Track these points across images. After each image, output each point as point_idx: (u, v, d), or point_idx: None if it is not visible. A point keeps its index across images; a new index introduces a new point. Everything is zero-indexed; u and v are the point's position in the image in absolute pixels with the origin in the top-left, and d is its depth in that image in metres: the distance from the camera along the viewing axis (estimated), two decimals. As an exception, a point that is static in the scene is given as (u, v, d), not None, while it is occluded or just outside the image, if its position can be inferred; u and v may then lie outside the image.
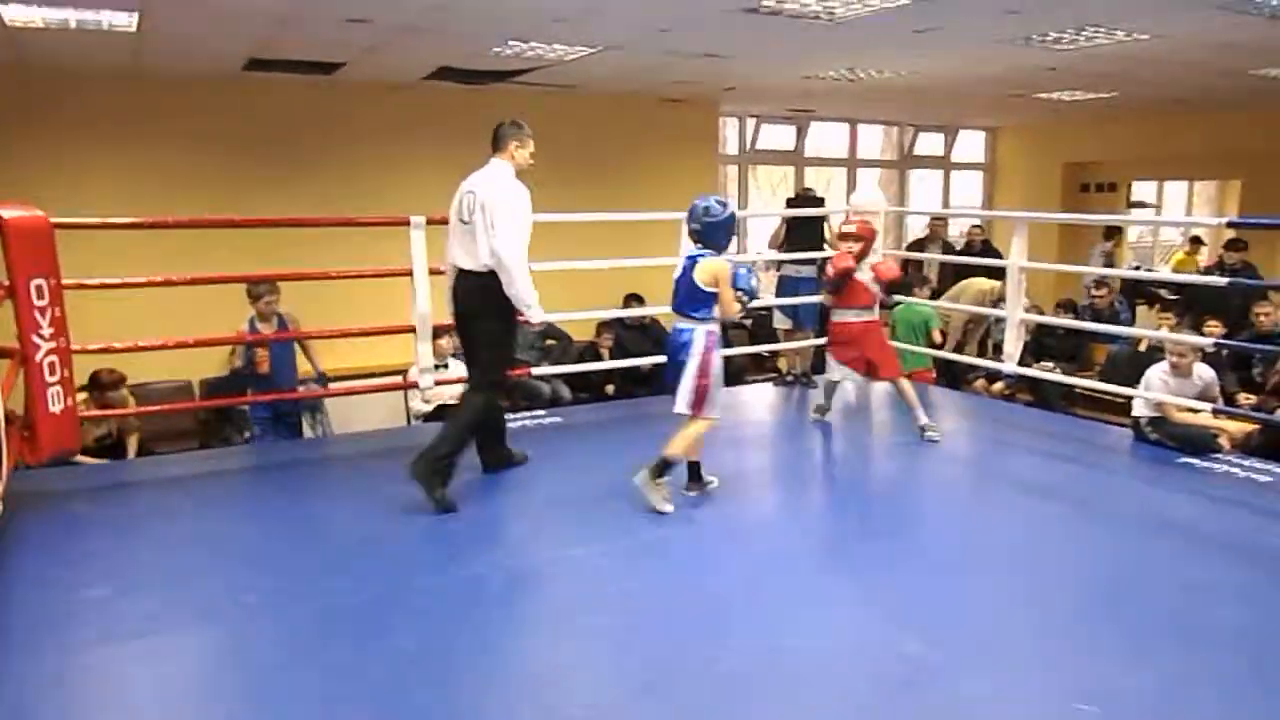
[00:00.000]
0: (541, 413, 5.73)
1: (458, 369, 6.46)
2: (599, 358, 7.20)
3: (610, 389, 7.24)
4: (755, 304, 4.25)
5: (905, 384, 5.05)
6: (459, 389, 6.40)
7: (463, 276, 3.99)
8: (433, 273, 4.96)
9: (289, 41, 5.67)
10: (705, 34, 5.73)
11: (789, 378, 6.46)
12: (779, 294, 6.46)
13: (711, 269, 3.80)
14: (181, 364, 6.33)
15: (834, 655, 2.72)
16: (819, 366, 7.17)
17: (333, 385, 5.91)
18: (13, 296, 3.83)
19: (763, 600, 3.06)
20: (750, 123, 10.29)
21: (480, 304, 3.96)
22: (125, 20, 4.97)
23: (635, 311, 7.19)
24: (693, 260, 3.85)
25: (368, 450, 4.89)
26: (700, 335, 3.83)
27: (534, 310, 3.94)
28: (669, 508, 3.77)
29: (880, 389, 5.89)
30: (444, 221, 5.03)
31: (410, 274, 4.90)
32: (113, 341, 4.53)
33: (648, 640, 2.79)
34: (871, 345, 5.00)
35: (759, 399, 6.28)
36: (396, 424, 6.61)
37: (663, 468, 3.78)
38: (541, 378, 6.86)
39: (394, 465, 4.48)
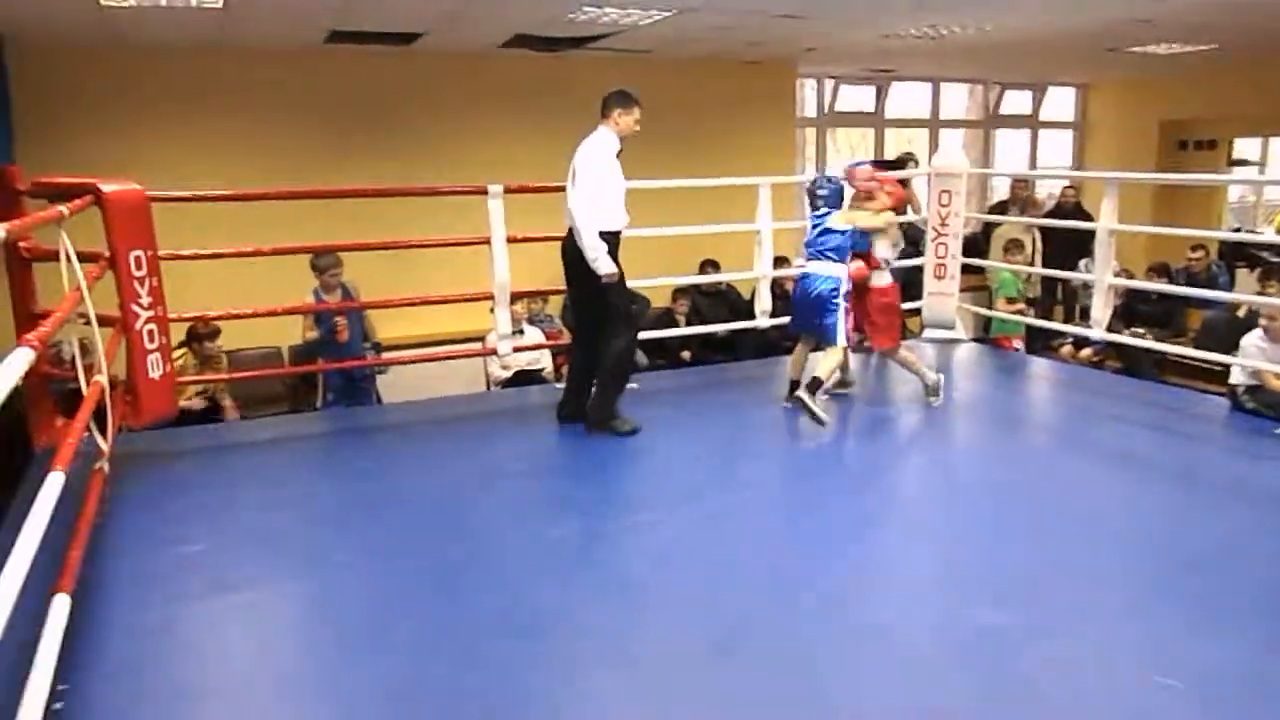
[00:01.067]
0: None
1: (533, 335, 6.56)
2: (674, 324, 7.22)
3: (687, 355, 7.25)
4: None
5: (903, 354, 4.99)
6: (535, 355, 6.55)
7: (570, 236, 4.26)
8: (510, 241, 5.04)
9: (369, 11, 5.76)
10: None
11: (866, 343, 6.37)
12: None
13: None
14: (271, 332, 6.54)
15: (910, 624, 2.72)
16: (902, 333, 7.08)
17: (414, 351, 6.06)
18: (114, 267, 4.01)
19: (836, 568, 3.07)
20: (829, 84, 10.10)
21: (580, 258, 4.23)
22: (213, -4, 5.12)
23: (712, 278, 7.18)
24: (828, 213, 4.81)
25: (450, 415, 5.01)
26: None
27: (600, 261, 4.15)
28: (828, 418, 4.53)
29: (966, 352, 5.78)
30: (522, 190, 5.14)
31: (489, 242, 4.98)
32: (206, 310, 4.72)
33: (719, 606, 2.82)
34: (871, 309, 4.96)
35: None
36: (476, 389, 6.74)
37: (815, 386, 4.54)
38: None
39: (475, 428, 4.60)
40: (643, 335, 6.50)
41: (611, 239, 4.23)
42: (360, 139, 7.28)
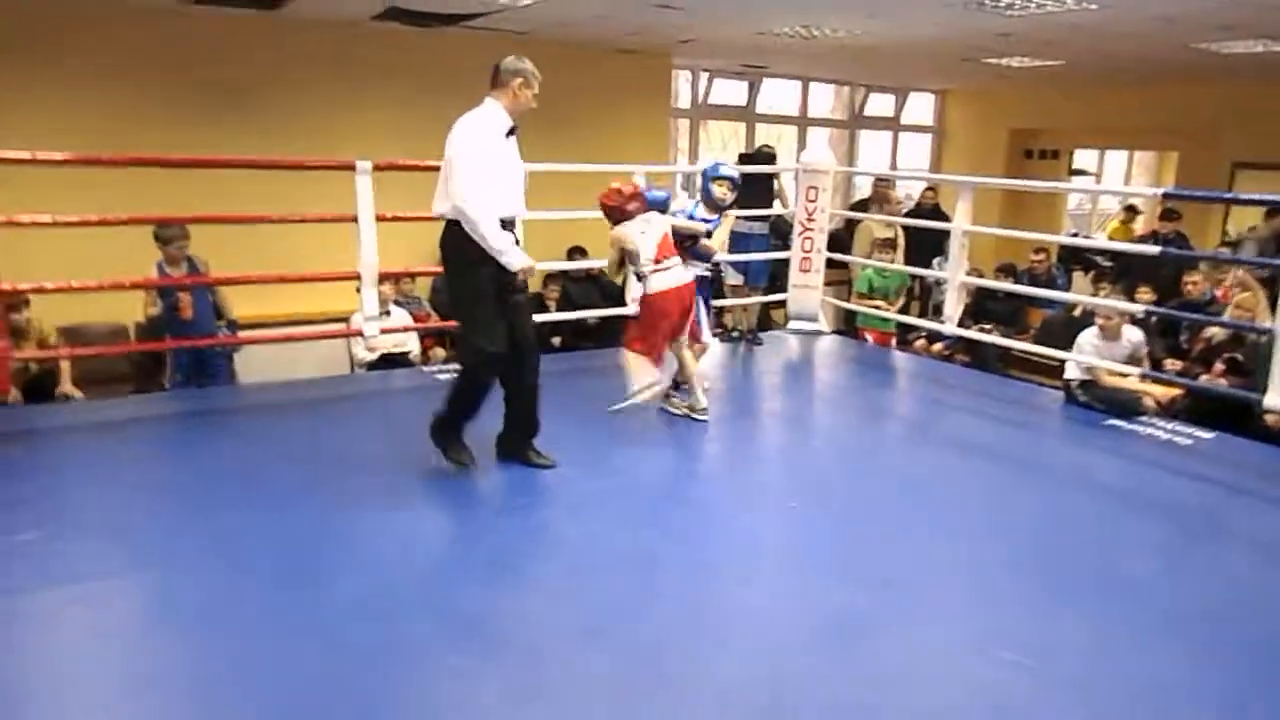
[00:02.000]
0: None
1: (401, 317, 6.41)
2: (545, 309, 7.17)
3: (557, 341, 7.23)
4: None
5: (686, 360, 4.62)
6: (401, 337, 6.39)
7: (447, 231, 3.58)
8: (380, 219, 4.89)
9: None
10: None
11: (734, 334, 6.51)
12: (730, 250, 6.49)
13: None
14: (118, 307, 6.16)
15: (763, 606, 2.80)
16: (765, 324, 7.28)
17: (275, 330, 5.82)
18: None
19: (696, 553, 3.13)
20: (703, 78, 10.23)
21: (448, 255, 3.62)
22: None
23: (580, 264, 7.18)
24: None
25: (311, 397, 4.84)
26: None
27: (509, 255, 3.53)
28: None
29: (825, 345, 5.98)
30: (392, 167, 4.98)
31: (355, 219, 4.83)
32: (44, 282, 4.40)
33: (588, 591, 2.83)
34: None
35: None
36: (339, 371, 6.53)
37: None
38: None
39: (337, 411, 4.46)
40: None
41: (507, 228, 3.59)
42: (222, 107, 6.91)
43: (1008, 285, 7.22)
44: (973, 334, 6.52)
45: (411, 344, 6.52)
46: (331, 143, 6.63)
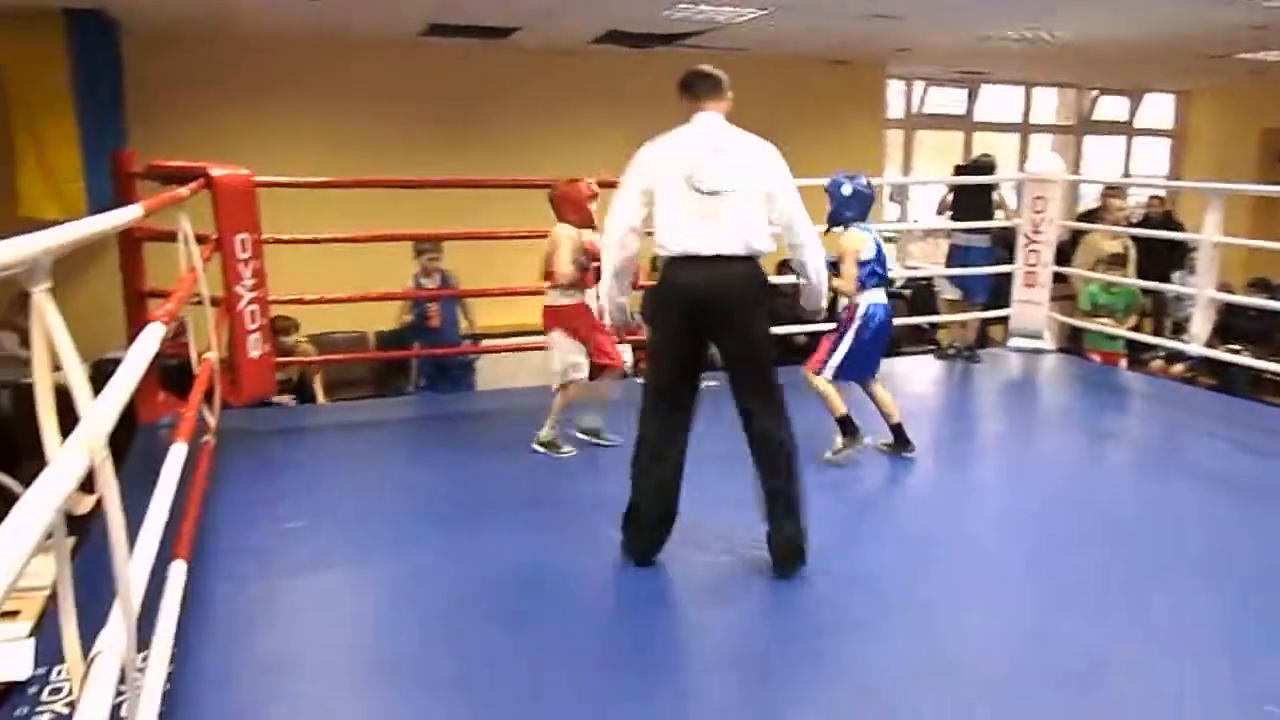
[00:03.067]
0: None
1: (616, 330, 6.60)
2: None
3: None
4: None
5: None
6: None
7: (705, 265, 2.91)
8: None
9: (468, 5, 5.85)
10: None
11: (950, 351, 6.28)
12: (948, 264, 6.29)
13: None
14: (361, 316, 6.69)
15: (1002, 643, 2.67)
16: (983, 341, 6.97)
17: (504, 340, 6.15)
18: (220, 249, 4.15)
19: (927, 580, 3.03)
20: (918, 86, 9.96)
21: (746, 297, 2.98)
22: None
23: (785, 280, 7.13)
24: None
25: (536, 404, 5.07)
26: None
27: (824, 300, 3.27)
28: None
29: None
30: (613, 185, 5.13)
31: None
32: (303, 294, 4.84)
33: (812, 610, 2.82)
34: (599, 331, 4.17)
35: (917, 372, 6.14)
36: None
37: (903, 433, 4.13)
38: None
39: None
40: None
41: None
42: (456, 130, 7.39)
43: (1263, 302, 6.58)
44: (1221, 354, 5.98)
45: (627, 355, 6.70)
46: (557, 162, 6.93)
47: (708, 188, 2.91)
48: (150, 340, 1.99)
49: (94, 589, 1.52)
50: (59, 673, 2.30)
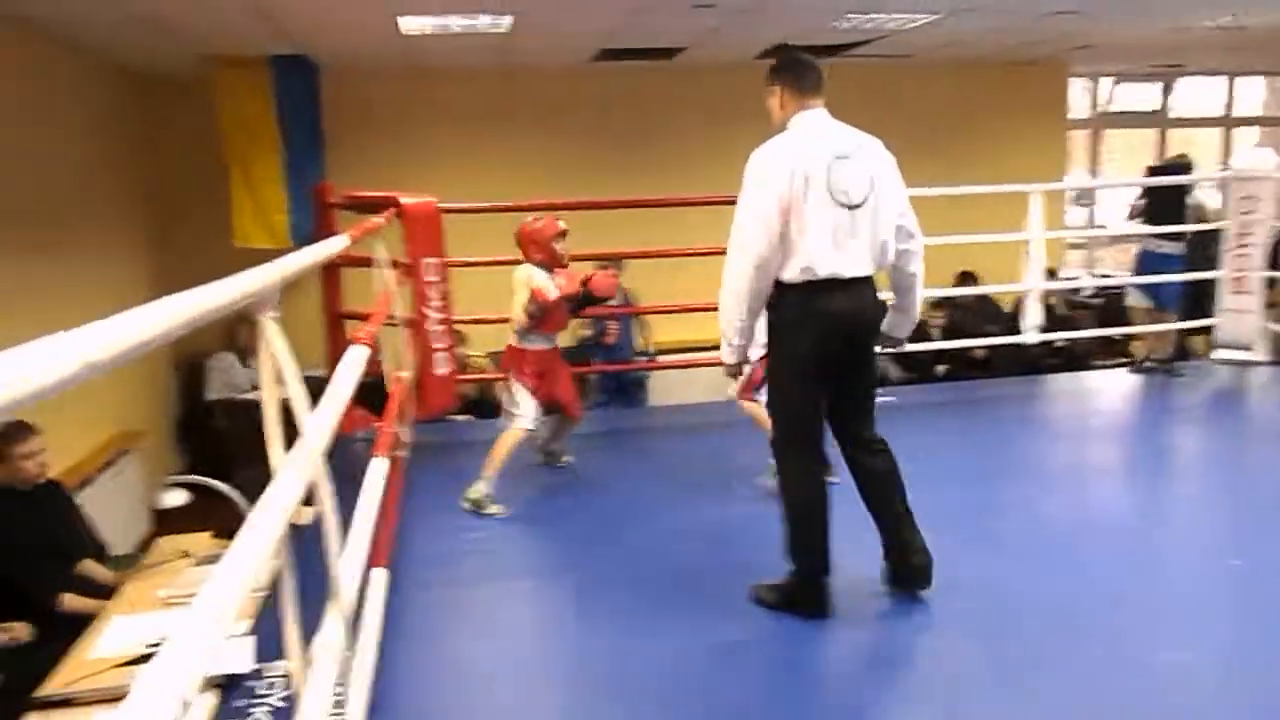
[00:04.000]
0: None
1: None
2: (928, 337, 6.98)
3: (940, 370, 7.00)
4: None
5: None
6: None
7: (849, 289, 2.67)
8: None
9: (638, 30, 5.98)
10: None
11: (1147, 364, 5.89)
12: (1138, 271, 5.91)
13: None
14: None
15: (1215, 670, 2.48)
16: (1183, 353, 6.49)
17: (677, 357, 6.23)
18: (410, 273, 4.40)
19: (1124, 604, 2.85)
20: (1104, 83, 9.42)
21: (879, 324, 2.88)
22: (499, 22, 5.50)
23: (971, 290, 6.89)
24: None
25: (702, 422, 5.10)
26: None
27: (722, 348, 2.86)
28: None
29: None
30: (717, 202, 5.02)
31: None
32: (486, 313, 5.06)
33: (1004, 636, 2.70)
34: (562, 379, 4.11)
35: (1110, 387, 5.80)
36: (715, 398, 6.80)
37: None
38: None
39: (730, 440, 4.63)
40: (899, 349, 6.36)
41: None
42: (625, 151, 7.57)
43: None
44: None
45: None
46: (723, 177, 6.97)
47: (851, 200, 2.63)
48: (356, 361, 2.14)
49: (303, 591, 1.63)
50: (273, 669, 2.49)
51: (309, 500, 1.53)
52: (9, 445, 3.36)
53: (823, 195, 2.60)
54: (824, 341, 2.66)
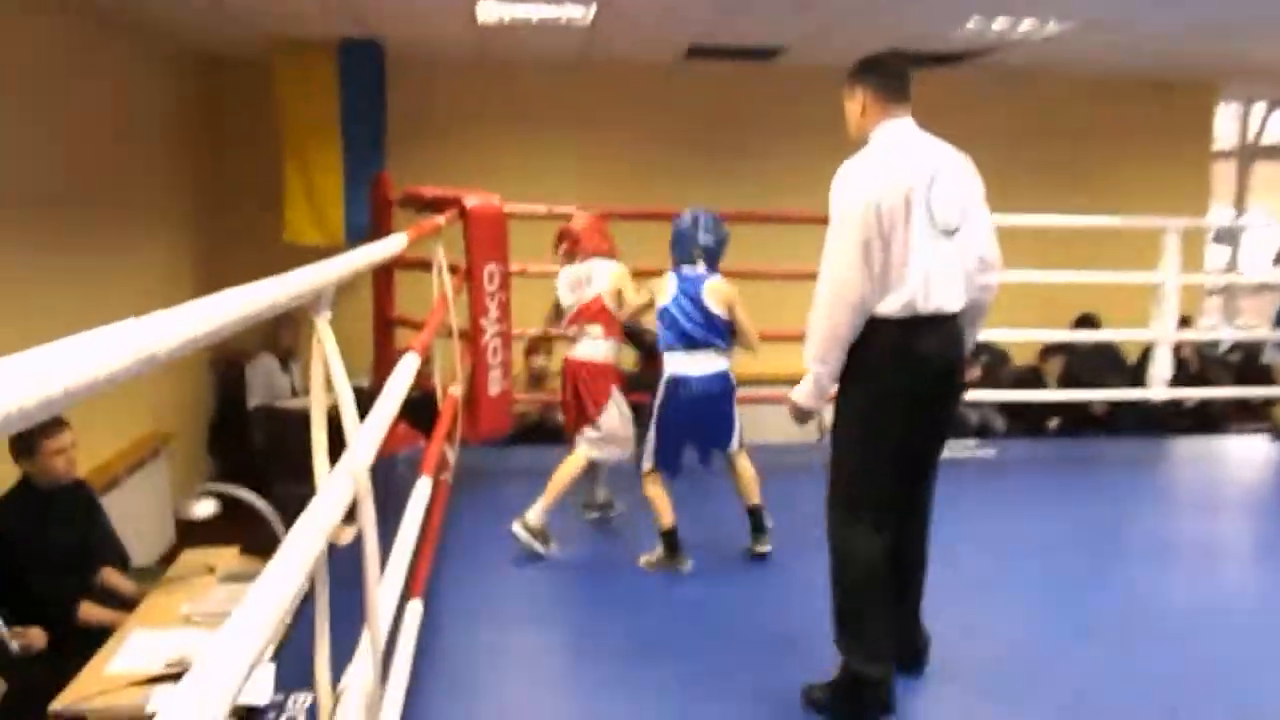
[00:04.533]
0: (971, 442, 5.57)
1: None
2: (1041, 385, 6.83)
3: (1053, 424, 6.83)
4: None
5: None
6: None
7: (946, 326, 2.61)
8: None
9: (733, 27, 6.02)
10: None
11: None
12: (1278, 324, 5.73)
13: (725, 292, 3.68)
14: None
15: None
16: (1335, 421, 6.26)
17: (747, 391, 6.17)
18: (469, 280, 4.46)
19: (1240, 709, 2.74)
20: (1257, 109, 9.17)
21: (963, 368, 2.84)
22: (582, 13, 5.59)
23: (1089, 335, 6.74)
24: (697, 282, 3.65)
25: (775, 463, 5.06)
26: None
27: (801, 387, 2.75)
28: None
29: None
30: (817, 220, 5.02)
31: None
32: (548, 329, 5.09)
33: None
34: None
35: (1242, 456, 5.61)
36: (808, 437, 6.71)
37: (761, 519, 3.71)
38: (971, 403, 6.66)
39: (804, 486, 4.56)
40: (1002, 396, 6.24)
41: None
42: (716, 156, 7.58)
43: None
44: None
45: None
46: (821, 191, 6.93)
47: (949, 225, 2.55)
48: (408, 371, 2.18)
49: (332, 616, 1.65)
50: (295, 701, 2.53)
51: (349, 518, 1.56)
52: (39, 439, 3.47)
53: (924, 220, 2.51)
54: (915, 385, 2.55)
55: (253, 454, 6.26)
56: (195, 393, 6.80)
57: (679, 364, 3.63)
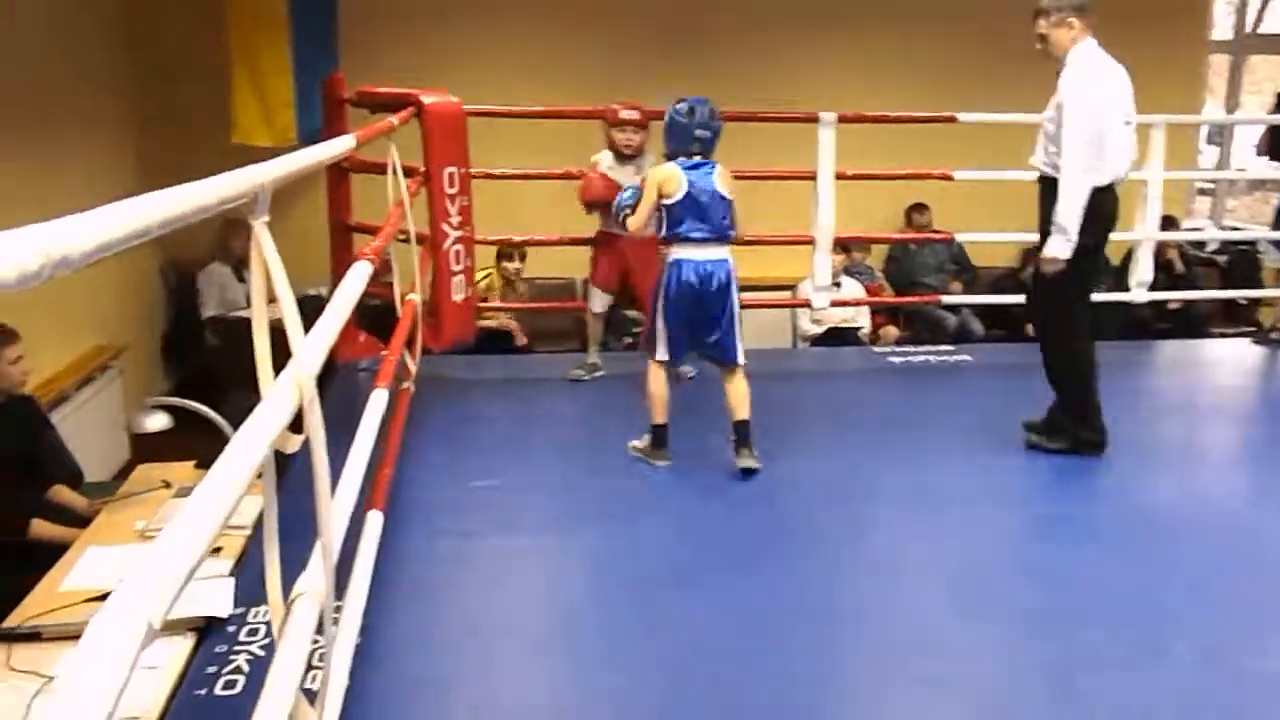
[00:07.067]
0: (948, 347, 5.64)
1: (851, 288, 6.49)
2: (1022, 290, 6.87)
3: (1031, 329, 6.89)
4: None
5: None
6: (851, 312, 6.49)
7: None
8: (839, 177, 5.01)
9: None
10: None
11: (1274, 334, 5.77)
12: (1277, 225, 5.77)
13: (730, 179, 3.80)
14: (568, 262, 6.91)
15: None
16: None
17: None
18: (427, 183, 4.41)
19: (1223, 606, 2.85)
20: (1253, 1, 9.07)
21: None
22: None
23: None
24: (708, 171, 3.71)
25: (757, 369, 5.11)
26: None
27: (1054, 242, 3.68)
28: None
29: None
30: (859, 119, 5.07)
31: (814, 178, 4.99)
32: (513, 235, 5.08)
33: (1077, 633, 2.72)
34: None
35: (1227, 359, 5.70)
36: (780, 344, 6.77)
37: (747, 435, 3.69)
38: (949, 307, 6.72)
39: (777, 391, 4.63)
40: (980, 300, 6.29)
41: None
42: (680, 57, 7.43)
43: None
44: None
45: (862, 319, 6.62)
46: (792, 93, 6.85)
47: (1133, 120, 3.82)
48: (358, 278, 2.17)
49: (290, 531, 1.69)
50: (255, 614, 2.58)
51: (299, 427, 1.57)
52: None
53: (1125, 115, 3.76)
54: (1106, 233, 3.80)
55: (208, 365, 6.25)
56: (147, 304, 6.74)
57: (693, 252, 3.68)
